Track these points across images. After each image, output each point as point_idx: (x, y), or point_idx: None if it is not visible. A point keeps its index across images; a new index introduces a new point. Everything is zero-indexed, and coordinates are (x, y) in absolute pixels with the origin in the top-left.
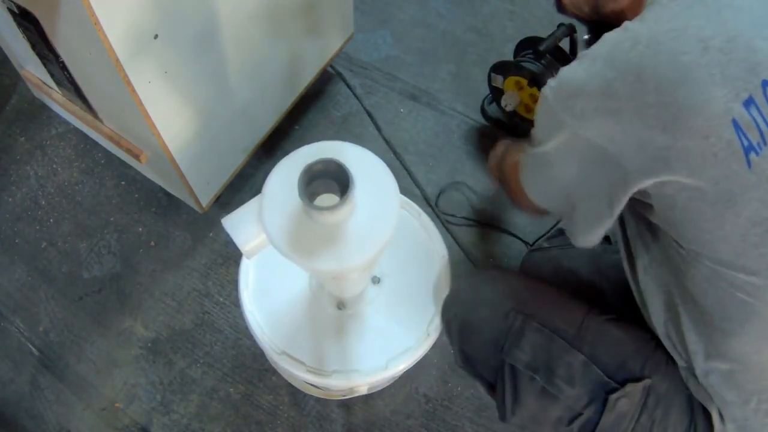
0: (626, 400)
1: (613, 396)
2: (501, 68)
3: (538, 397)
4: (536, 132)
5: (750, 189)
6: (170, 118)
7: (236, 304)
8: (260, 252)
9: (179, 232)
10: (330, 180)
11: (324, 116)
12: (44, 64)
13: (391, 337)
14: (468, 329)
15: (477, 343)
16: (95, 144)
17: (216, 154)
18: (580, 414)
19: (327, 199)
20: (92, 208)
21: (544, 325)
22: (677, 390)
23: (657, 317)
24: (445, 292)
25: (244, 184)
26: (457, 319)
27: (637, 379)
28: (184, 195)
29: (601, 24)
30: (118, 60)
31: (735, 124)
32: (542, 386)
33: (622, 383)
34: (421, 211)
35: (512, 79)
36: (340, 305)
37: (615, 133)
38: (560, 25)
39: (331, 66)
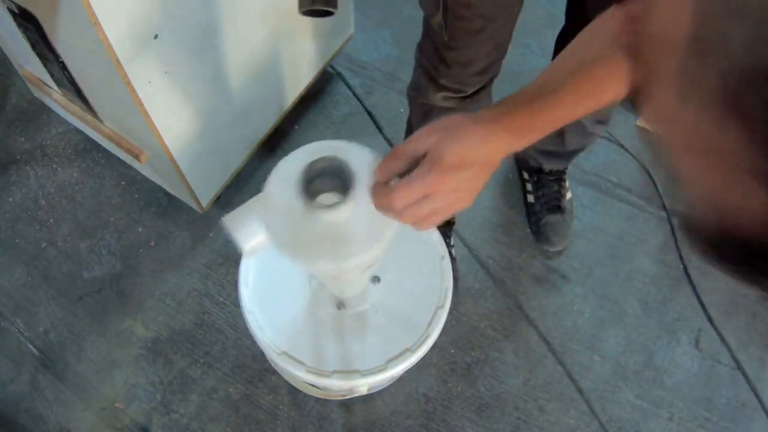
0: None
1: None
2: None
3: None
4: None
5: None
6: (170, 118)
7: (236, 304)
8: (260, 252)
9: (179, 232)
10: (331, 178)
11: (324, 116)
12: (44, 64)
13: (391, 337)
14: None
15: None
16: (95, 144)
17: (216, 154)
18: None
19: (328, 197)
20: (92, 208)
21: None
22: None
23: None
24: (445, 292)
25: (244, 184)
26: None
27: None
28: (184, 195)
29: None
30: (118, 60)
31: None
32: None
33: None
34: None
35: None
36: (340, 305)
37: None
38: None
39: (331, 66)
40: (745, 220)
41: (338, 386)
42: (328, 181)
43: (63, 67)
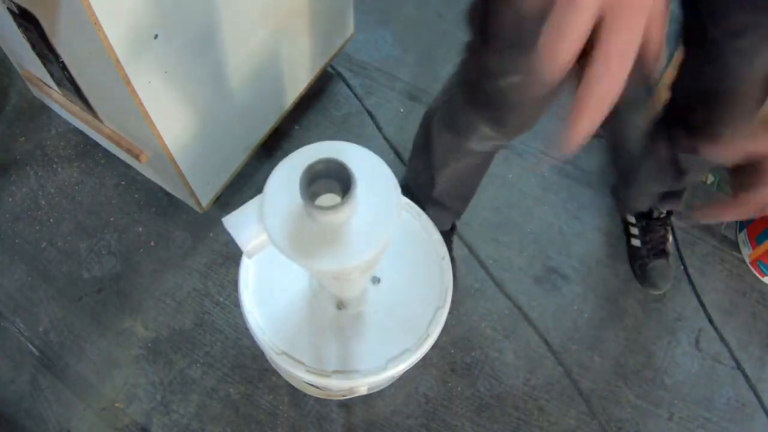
0: None
1: None
2: None
3: None
4: None
5: None
6: (170, 118)
7: (236, 304)
8: (261, 252)
9: (179, 232)
10: (331, 180)
11: (324, 116)
12: (44, 64)
13: (391, 337)
14: None
15: None
16: (95, 144)
17: (216, 154)
18: None
19: (328, 199)
20: (92, 208)
21: None
22: None
23: None
24: (445, 292)
25: (244, 184)
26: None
27: None
28: (184, 195)
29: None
30: (118, 60)
31: None
32: None
33: None
34: (421, 211)
35: None
36: (340, 305)
37: None
38: None
39: (331, 66)
40: None
41: (338, 386)
42: (327, 182)
43: (63, 67)
